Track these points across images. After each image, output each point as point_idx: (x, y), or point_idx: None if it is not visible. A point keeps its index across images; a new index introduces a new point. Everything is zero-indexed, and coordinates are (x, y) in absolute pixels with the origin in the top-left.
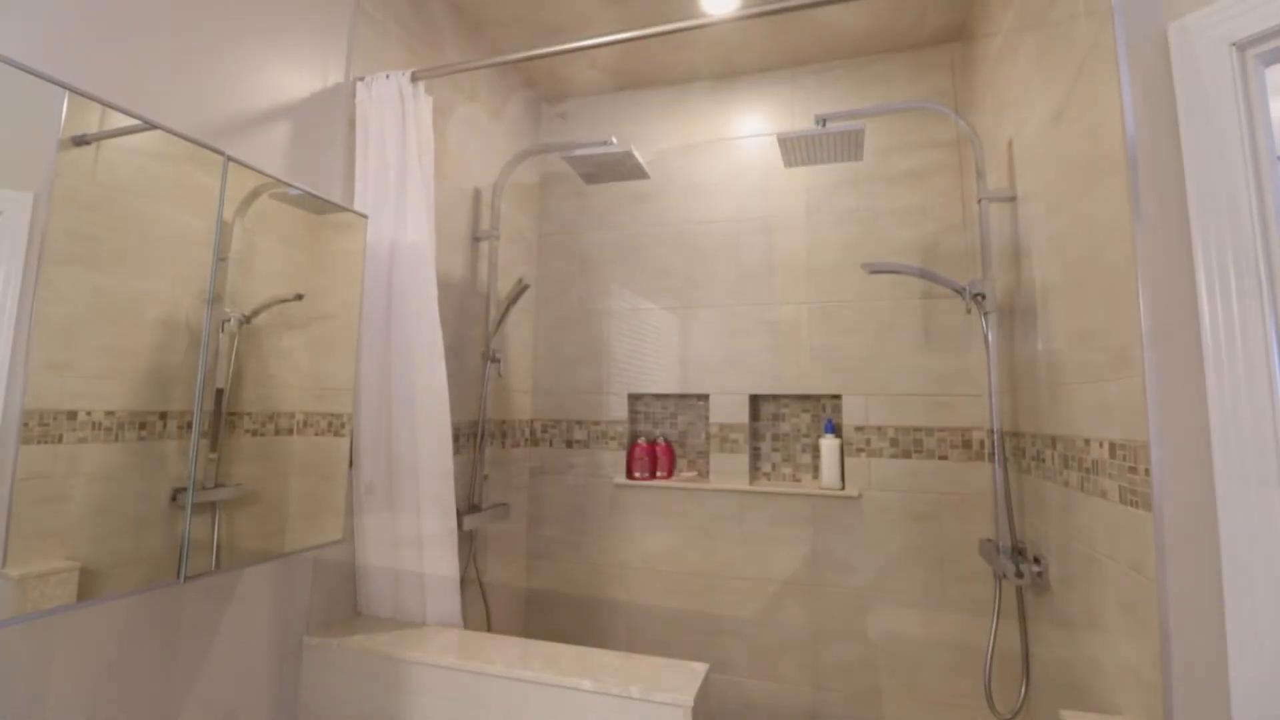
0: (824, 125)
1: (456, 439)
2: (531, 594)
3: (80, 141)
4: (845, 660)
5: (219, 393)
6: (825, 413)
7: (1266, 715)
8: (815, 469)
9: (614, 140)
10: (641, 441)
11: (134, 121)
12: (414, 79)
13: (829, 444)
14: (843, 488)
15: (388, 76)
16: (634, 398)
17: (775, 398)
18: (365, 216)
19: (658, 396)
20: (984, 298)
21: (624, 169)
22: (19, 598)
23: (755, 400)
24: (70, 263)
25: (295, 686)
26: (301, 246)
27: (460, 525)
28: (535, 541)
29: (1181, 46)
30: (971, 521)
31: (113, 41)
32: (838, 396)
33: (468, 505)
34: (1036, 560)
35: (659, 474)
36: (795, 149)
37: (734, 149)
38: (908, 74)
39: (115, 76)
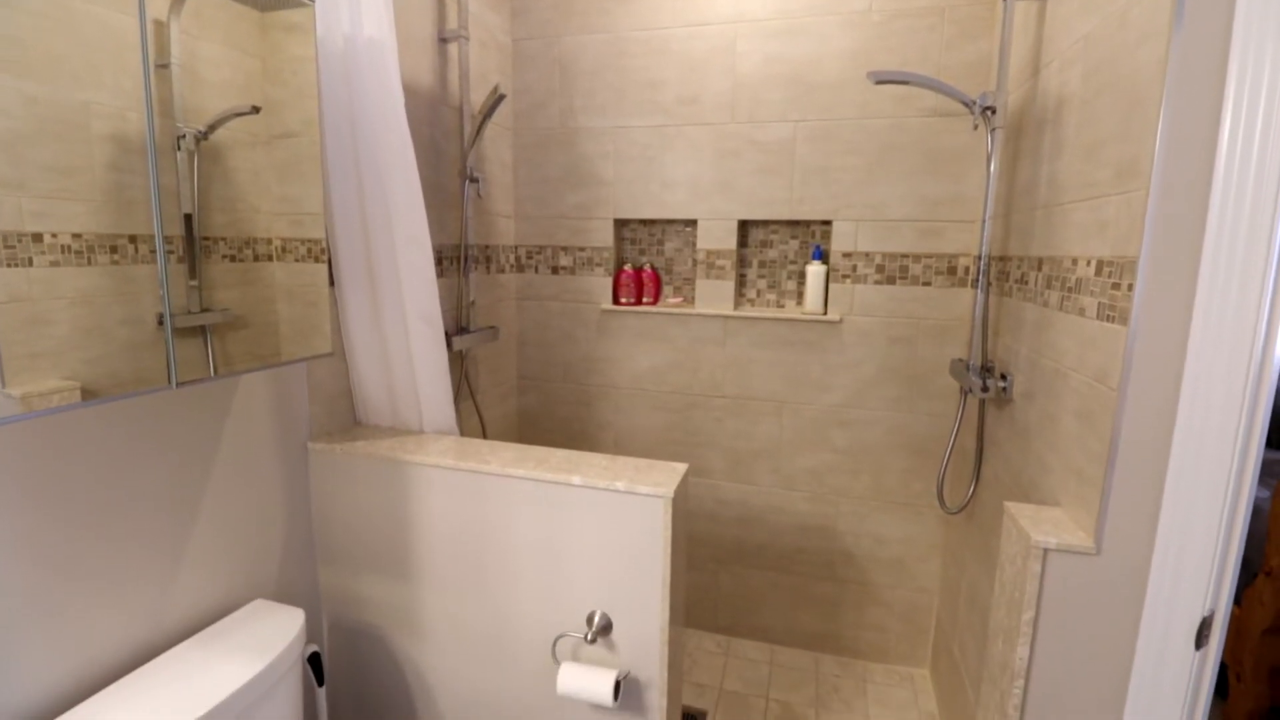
0: None
1: (440, 262)
2: (523, 412)
3: None
4: (814, 466)
5: (188, 218)
6: (814, 239)
7: (1191, 507)
8: (800, 295)
9: None
10: (628, 268)
11: None
12: None
13: (815, 270)
14: (825, 313)
15: None
16: (620, 224)
17: (764, 224)
18: (310, 3)
19: (644, 223)
20: (993, 112)
21: None
22: (25, 410)
23: (744, 226)
24: None
25: (305, 487)
26: (252, 54)
27: (450, 346)
28: (525, 364)
29: None
30: (946, 344)
31: None
32: (828, 223)
33: (456, 328)
34: (1004, 376)
35: (645, 300)
36: None
37: None
38: None
39: None
